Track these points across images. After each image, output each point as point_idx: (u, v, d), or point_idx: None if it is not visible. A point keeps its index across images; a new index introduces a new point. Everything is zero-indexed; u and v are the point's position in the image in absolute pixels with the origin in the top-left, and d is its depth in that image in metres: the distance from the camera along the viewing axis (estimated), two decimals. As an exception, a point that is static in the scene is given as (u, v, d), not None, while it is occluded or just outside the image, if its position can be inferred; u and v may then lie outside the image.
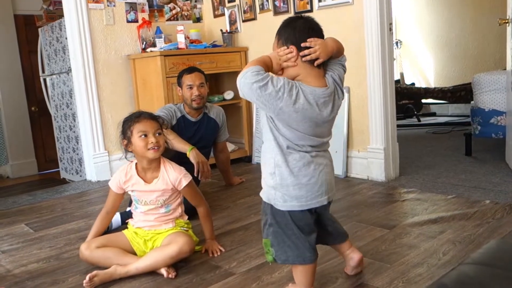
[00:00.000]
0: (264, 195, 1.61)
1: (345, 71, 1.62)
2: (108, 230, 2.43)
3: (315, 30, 1.54)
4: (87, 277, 1.90)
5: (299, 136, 1.51)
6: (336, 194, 1.55)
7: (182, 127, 2.95)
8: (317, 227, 1.65)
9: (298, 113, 1.46)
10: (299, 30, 1.51)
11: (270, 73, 1.48)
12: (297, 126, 1.49)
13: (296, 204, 1.54)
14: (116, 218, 2.60)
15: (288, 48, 1.51)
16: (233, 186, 3.41)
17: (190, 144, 2.77)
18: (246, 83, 1.44)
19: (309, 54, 1.50)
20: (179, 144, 2.74)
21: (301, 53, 1.50)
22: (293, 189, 1.53)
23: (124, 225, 2.49)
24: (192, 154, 2.72)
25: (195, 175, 2.66)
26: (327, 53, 1.53)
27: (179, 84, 3.03)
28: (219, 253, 2.19)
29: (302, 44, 1.50)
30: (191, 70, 3.04)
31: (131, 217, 2.26)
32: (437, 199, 2.80)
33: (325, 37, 1.59)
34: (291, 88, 1.45)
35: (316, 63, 1.52)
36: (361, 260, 1.83)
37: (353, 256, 1.82)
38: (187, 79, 2.96)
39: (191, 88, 2.93)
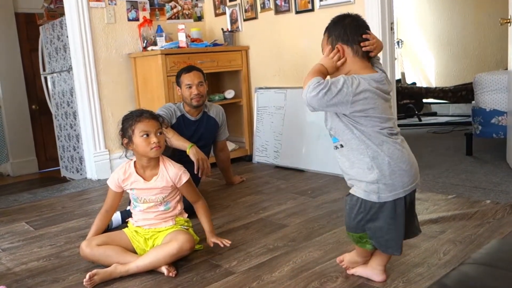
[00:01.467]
0: (361, 192, 1.63)
1: None
2: (108, 228, 2.44)
3: (364, 27, 1.67)
4: (87, 276, 1.90)
5: (380, 120, 1.58)
6: (338, 193, 1.57)
7: (182, 126, 2.94)
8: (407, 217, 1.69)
9: (367, 97, 1.54)
10: (350, 27, 1.63)
11: (328, 77, 1.60)
12: (373, 110, 1.56)
13: (401, 191, 1.60)
14: (116, 217, 2.60)
15: (335, 48, 1.63)
16: (233, 185, 3.41)
17: (189, 142, 2.77)
18: (313, 97, 1.52)
19: (369, 46, 1.63)
20: (178, 142, 2.74)
21: (362, 44, 1.62)
22: (396, 177, 1.58)
23: (124, 223, 2.49)
24: (192, 151, 2.72)
25: (195, 172, 2.67)
26: (380, 48, 1.68)
27: (178, 83, 3.02)
28: (228, 244, 2.13)
29: (364, 36, 1.63)
30: (189, 69, 3.03)
31: (131, 216, 2.26)
32: (437, 199, 2.79)
33: None
34: (352, 80, 1.54)
35: (371, 54, 1.65)
36: (379, 281, 1.79)
37: (378, 275, 1.79)
38: (186, 79, 2.96)
39: (190, 87, 2.93)
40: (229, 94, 4.17)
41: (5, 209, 3.23)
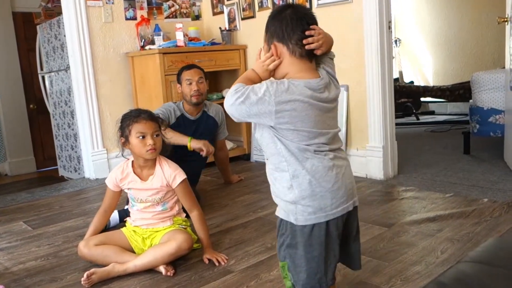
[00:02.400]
0: (281, 212, 1.40)
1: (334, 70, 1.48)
2: (106, 228, 2.43)
3: (306, 19, 1.35)
4: (85, 275, 1.90)
5: (309, 134, 1.33)
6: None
7: (181, 126, 2.94)
8: (342, 245, 1.43)
9: (295, 108, 1.30)
10: (286, 21, 1.34)
11: (252, 85, 1.34)
12: (302, 124, 1.32)
13: (322, 215, 1.34)
14: (114, 216, 2.60)
15: (269, 49, 1.38)
16: (231, 184, 3.41)
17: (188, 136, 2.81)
18: (230, 106, 1.31)
19: (313, 43, 1.34)
20: (177, 139, 2.76)
21: (305, 41, 1.34)
22: (316, 199, 1.34)
23: (122, 223, 2.49)
24: (194, 142, 2.77)
25: (204, 155, 2.79)
26: (329, 45, 1.42)
27: (179, 81, 3.04)
28: (225, 262, 2.09)
29: (307, 32, 1.34)
30: (190, 66, 3.07)
31: (129, 215, 2.26)
32: (435, 197, 2.80)
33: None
34: (278, 87, 1.29)
35: (317, 52, 1.37)
36: None
37: None
38: (186, 75, 2.99)
39: (190, 83, 2.95)
40: (227, 93, 4.16)
41: (3, 208, 3.22)
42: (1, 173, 5.21)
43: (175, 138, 2.73)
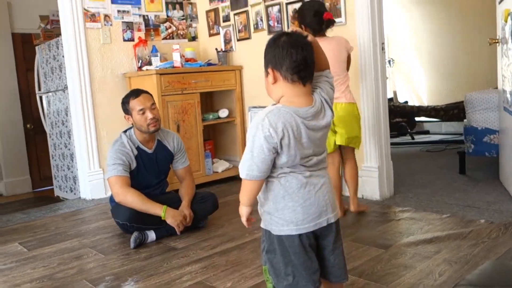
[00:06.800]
0: (262, 221, 1.52)
1: (333, 90, 1.54)
2: (142, 241, 2.62)
3: (298, 46, 1.41)
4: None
5: (288, 159, 1.41)
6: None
7: (141, 165, 2.78)
8: (319, 257, 1.51)
9: (288, 144, 1.38)
10: (279, 50, 1.42)
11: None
12: (287, 152, 1.39)
13: (293, 228, 1.43)
14: (151, 235, 2.69)
15: (267, 74, 1.45)
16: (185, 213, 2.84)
17: (158, 203, 2.66)
18: (247, 175, 1.45)
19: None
20: (148, 207, 2.64)
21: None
22: (288, 212, 1.43)
23: (157, 240, 2.68)
24: (169, 216, 2.65)
25: (178, 234, 2.71)
26: (323, 65, 1.51)
27: (127, 111, 2.77)
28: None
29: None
30: (137, 92, 2.79)
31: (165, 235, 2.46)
32: (431, 218, 2.80)
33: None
34: (263, 128, 1.36)
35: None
36: None
37: None
38: (137, 104, 2.72)
39: (143, 112, 2.70)
40: (223, 113, 4.19)
41: (-2, 229, 3.20)
42: (-4, 193, 5.18)
43: (142, 202, 2.63)
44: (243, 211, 1.54)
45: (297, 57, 1.40)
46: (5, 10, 5.18)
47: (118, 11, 3.98)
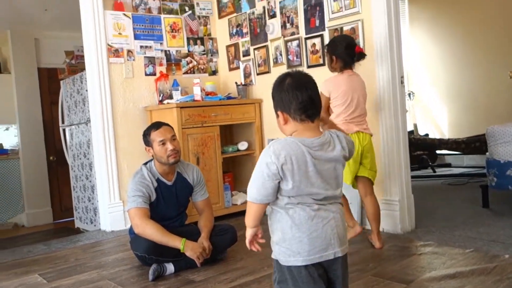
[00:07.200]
0: (272, 252, 1.57)
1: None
2: (160, 274, 2.61)
3: (303, 87, 1.50)
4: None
5: (295, 187, 1.46)
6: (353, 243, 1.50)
7: (162, 197, 2.80)
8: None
9: (289, 169, 1.44)
10: (286, 93, 1.51)
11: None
12: (291, 177, 1.45)
13: (299, 259, 1.47)
14: (170, 268, 2.67)
15: (278, 115, 1.56)
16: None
17: (177, 236, 2.66)
18: (253, 197, 1.51)
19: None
20: (167, 240, 2.64)
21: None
22: (295, 243, 1.47)
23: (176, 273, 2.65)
24: (188, 249, 2.64)
25: (198, 266, 2.69)
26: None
27: (148, 143, 2.83)
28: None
29: None
30: (158, 125, 2.85)
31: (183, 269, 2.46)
32: (454, 253, 2.74)
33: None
34: (273, 169, 1.43)
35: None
36: None
37: None
38: (157, 136, 2.77)
39: (163, 144, 2.75)
40: (243, 145, 4.22)
41: (20, 260, 3.23)
42: (18, 224, 5.26)
43: (161, 235, 2.63)
44: (247, 233, 1.59)
45: (302, 98, 1.49)
46: (32, 45, 5.40)
47: (141, 46, 4.10)
